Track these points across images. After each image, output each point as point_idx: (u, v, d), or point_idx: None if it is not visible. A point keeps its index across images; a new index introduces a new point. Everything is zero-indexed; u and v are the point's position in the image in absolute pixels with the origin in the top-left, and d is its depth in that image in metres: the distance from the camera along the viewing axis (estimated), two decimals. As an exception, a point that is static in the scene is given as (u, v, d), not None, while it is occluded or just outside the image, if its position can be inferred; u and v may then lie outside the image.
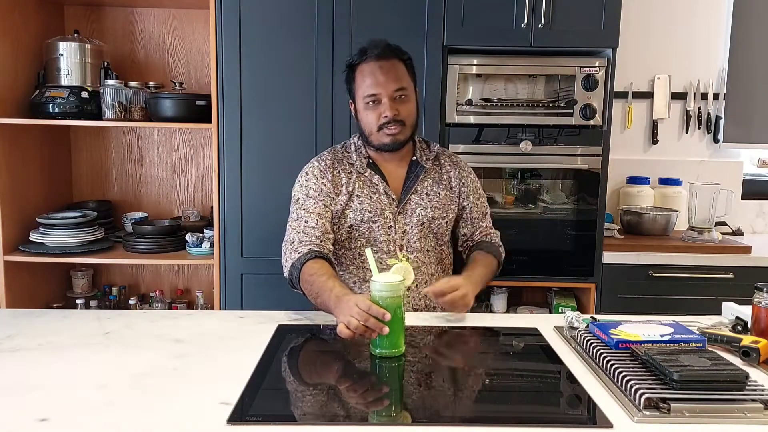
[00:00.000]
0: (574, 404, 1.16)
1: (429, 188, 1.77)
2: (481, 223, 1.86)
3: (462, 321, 1.59)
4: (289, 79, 2.40)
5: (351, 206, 1.72)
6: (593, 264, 2.50)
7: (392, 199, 1.73)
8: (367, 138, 1.73)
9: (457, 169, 1.83)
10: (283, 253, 1.68)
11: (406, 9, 2.37)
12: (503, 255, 1.86)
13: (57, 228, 2.50)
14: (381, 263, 1.65)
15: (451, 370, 1.31)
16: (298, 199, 1.73)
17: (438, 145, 1.87)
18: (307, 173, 1.76)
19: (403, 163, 1.78)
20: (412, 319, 1.49)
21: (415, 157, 1.78)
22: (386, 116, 1.66)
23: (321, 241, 1.65)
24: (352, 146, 1.80)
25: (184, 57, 2.85)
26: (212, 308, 2.67)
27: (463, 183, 1.82)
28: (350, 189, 1.72)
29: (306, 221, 1.68)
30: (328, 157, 1.78)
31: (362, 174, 1.75)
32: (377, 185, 1.74)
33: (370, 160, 1.76)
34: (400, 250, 1.72)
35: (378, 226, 1.71)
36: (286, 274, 1.65)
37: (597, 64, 2.44)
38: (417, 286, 1.73)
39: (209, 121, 2.42)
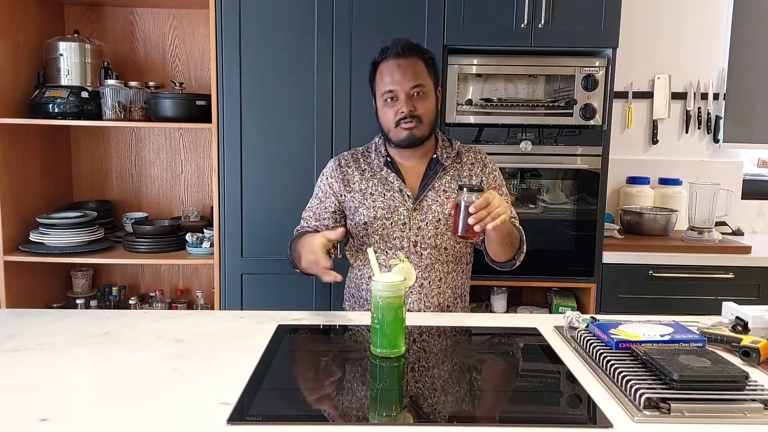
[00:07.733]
0: (574, 404, 1.16)
1: (447, 185, 1.77)
2: None
3: (462, 321, 1.60)
4: (289, 79, 2.40)
5: (365, 204, 1.76)
6: (593, 264, 2.50)
7: (407, 196, 1.75)
8: (386, 135, 1.77)
9: (480, 165, 1.82)
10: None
11: (406, 9, 2.37)
12: (524, 243, 1.77)
13: (57, 228, 2.50)
14: (394, 259, 1.66)
15: (451, 370, 1.31)
16: (312, 196, 1.86)
17: (461, 143, 1.86)
18: (323, 173, 1.86)
19: (423, 161, 1.79)
20: (412, 319, 1.49)
21: (435, 155, 1.79)
22: (402, 112, 1.69)
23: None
24: (373, 146, 1.85)
25: (184, 57, 2.85)
26: (212, 308, 2.67)
27: (486, 179, 1.80)
28: (363, 187, 1.78)
29: (307, 222, 1.83)
30: (345, 156, 1.86)
31: (378, 172, 1.79)
32: (393, 183, 1.77)
33: (389, 159, 1.79)
34: (414, 246, 1.73)
35: (392, 223, 1.74)
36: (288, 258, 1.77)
37: (597, 64, 2.44)
38: (430, 284, 1.75)
39: (209, 121, 2.42)
